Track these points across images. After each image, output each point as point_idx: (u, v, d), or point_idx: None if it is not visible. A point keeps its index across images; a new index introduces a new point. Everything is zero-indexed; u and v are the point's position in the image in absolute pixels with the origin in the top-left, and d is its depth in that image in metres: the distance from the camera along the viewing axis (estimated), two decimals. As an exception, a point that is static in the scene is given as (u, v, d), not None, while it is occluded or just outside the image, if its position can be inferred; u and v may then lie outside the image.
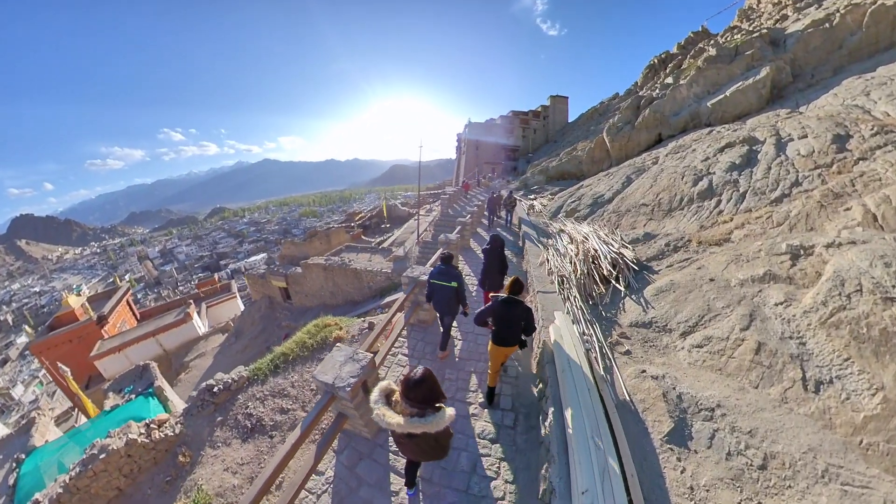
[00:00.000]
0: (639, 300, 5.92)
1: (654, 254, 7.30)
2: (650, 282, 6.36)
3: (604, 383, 4.27)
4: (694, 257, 6.66)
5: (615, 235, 8.53)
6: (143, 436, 5.71)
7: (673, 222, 8.74)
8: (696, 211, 8.65)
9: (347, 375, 4.06)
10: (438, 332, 6.51)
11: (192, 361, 23.96)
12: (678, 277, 5.95)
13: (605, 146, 19.78)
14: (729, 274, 5.61)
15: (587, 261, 7.31)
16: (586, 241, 8.18)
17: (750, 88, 15.74)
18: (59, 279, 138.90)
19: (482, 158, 54.52)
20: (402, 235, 23.08)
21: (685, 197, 9.27)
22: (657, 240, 7.80)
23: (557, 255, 8.11)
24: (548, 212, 14.56)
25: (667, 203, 9.46)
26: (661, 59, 39.75)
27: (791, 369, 3.92)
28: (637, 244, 8.00)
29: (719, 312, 4.98)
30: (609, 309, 6.11)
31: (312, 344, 7.48)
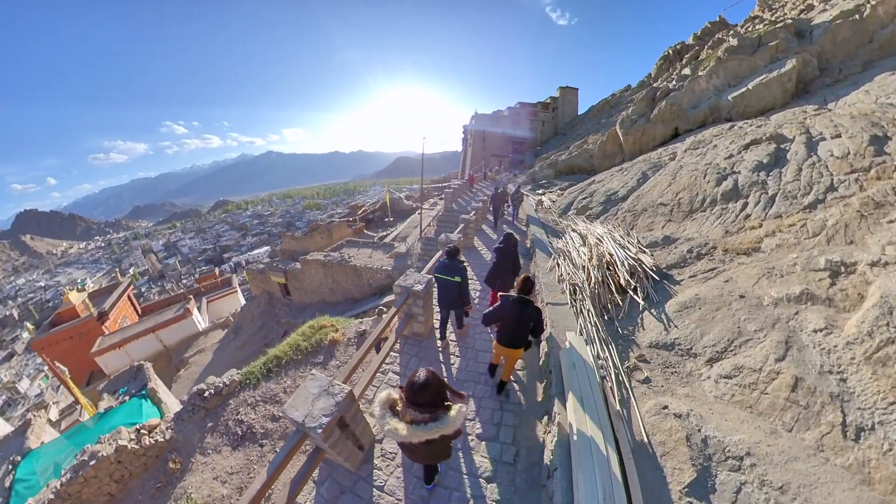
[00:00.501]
0: (660, 316, 5.29)
1: (676, 261, 6.63)
2: (672, 294, 5.73)
3: (619, 420, 3.72)
4: (720, 267, 6.01)
5: (631, 238, 7.88)
6: (134, 442, 5.64)
7: (694, 225, 8.05)
8: (721, 214, 7.96)
9: (320, 413, 3.44)
10: (434, 346, 6.13)
11: (191, 357, 24.09)
12: (704, 291, 5.33)
13: (617, 140, 18.97)
14: (761, 290, 5.00)
15: (602, 267, 6.66)
16: (600, 243, 7.51)
17: (774, 82, 14.93)
18: (63, 274, 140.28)
19: (489, 151, 53.63)
20: (406, 230, 22.52)
21: (707, 197, 8.58)
22: (678, 244, 7.13)
23: (569, 260, 7.46)
24: (557, 208, 13.88)
25: (687, 203, 8.77)
26: (677, 49, 38.71)
27: (830, 411, 3.42)
28: (655, 248, 7.33)
29: (751, 337, 4.38)
30: (626, 324, 5.49)
31: (307, 347, 7.24)
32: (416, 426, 2.59)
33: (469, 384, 5.33)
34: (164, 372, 23.39)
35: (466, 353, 6.02)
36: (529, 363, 5.62)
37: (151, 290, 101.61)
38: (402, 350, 6.20)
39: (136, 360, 24.85)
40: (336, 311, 16.53)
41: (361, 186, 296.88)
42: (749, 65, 16.91)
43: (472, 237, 11.47)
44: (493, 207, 14.26)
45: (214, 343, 24.88)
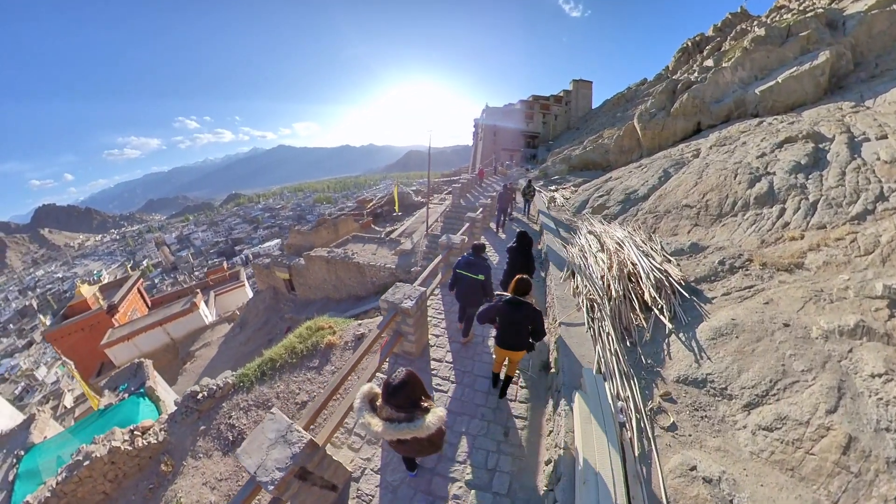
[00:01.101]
0: (690, 343, 4.58)
1: (706, 273, 5.90)
2: (703, 315, 5.02)
3: (637, 484, 3.09)
4: (758, 285, 5.28)
5: (654, 243, 7.17)
6: (127, 443, 5.66)
7: (725, 232, 7.32)
8: (755, 220, 7.20)
9: (273, 466, 2.88)
10: (427, 367, 5.61)
11: (197, 351, 24.38)
12: (741, 315, 4.62)
13: (635, 134, 18.14)
14: (808, 318, 4.31)
15: (623, 278, 5.94)
16: (620, 249, 6.81)
17: (806, 75, 13.95)
18: (80, 265, 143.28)
19: (500, 145, 52.73)
20: (413, 225, 22.02)
21: (739, 200, 7.83)
22: (708, 254, 6.40)
23: (586, 269, 6.65)
24: (571, 206, 13.21)
25: (716, 206, 8.03)
26: (696, 41, 37.50)
27: (884, 482, 2.81)
28: (681, 257, 6.60)
29: (798, 379, 3.71)
30: (650, 351, 4.80)
31: (302, 350, 6.97)
32: (390, 424, 2.56)
33: (463, 418, 4.68)
34: (172, 364, 23.85)
35: (463, 378, 5.36)
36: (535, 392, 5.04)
37: (164, 282, 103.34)
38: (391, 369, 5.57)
39: (145, 353, 25.24)
40: (339, 308, 16.21)
41: (372, 180, 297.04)
42: (778, 56, 15.94)
43: (479, 236, 10.79)
44: (500, 208, 12.34)
45: (220, 337, 24.94)
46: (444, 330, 6.52)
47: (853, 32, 15.24)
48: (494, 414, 4.70)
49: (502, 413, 4.72)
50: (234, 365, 17.92)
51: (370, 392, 2.81)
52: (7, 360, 73.65)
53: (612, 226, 8.69)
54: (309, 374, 6.46)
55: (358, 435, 4.58)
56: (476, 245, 5.54)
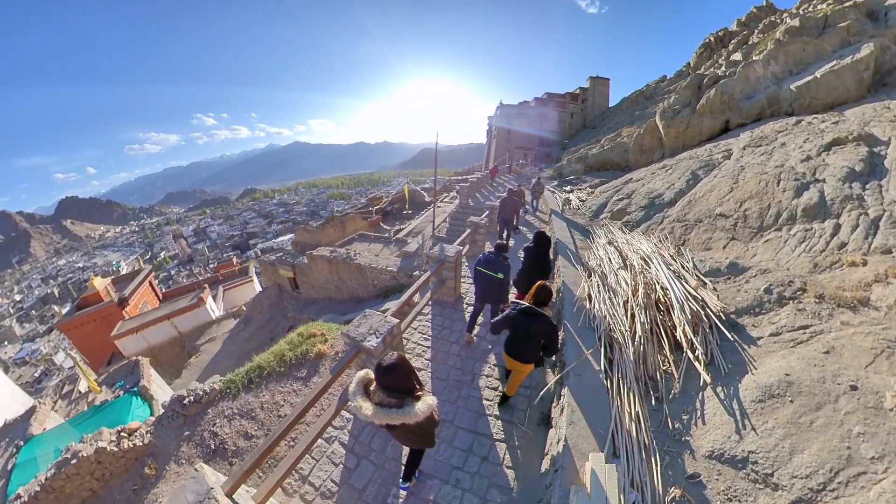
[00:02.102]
0: (730, 404, 3.62)
1: (749, 303, 4.90)
2: (746, 363, 4.04)
3: None
4: (815, 325, 4.26)
5: (684, 259, 6.22)
6: (113, 444, 5.76)
7: (768, 249, 6.32)
8: (805, 236, 6.18)
9: None
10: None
11: (203, 345, 24.99)
12: (796, 368, 3.65)
13: (657, 133, 17.05)
14: (880, 379, 3.36)
15: (650, 306, 4.98)
16: (647, 267, 5.88)
17: (847, 70, 12.72)
18: (100, 256, 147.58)
19: (514, 143, 51.78)
20: (422, 224, 21.36)
21: (784, 211, 6.82)
22: (750, 277, 5.42)
23: (604, 293, 5.58)
24: (588, 210, 12.30)
25: (756, 217, 7.03)
26: (719, 36, 35.99)
27: None
28: (718, 278, 5.63)
29: (865, 469, 2.77)
30: (678, 408, 3.86)
31: (291, 358, 6.85)
32: (380, 409, 2.60)
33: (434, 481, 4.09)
34: (178, 357, 24.58)
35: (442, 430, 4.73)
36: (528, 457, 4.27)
37: (180, 274, 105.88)
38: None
39: (153, 345, 25.63)
40: (341, 309, 15.86)
41: (386, 177, 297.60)
42: (815, 49, 14.69)
43: (484, 243, 9.83)
44: (502, 220, 10.51)
45: (225, 332, 25.27)
46: (427, 362, 5.93)
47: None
48: (473, 481, 4.02)
49: (482, 480, 4.03)
50: (235, 362, 17.87)
51: (365, 377, 2.83)
52: (28, 345, 76.79)
53: (634, 235, 7.79)
54: (295, 385, 6.31)
55: (312, 485, 4.19)
56: (499, 244, 5.55)
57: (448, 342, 6.25)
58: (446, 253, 6.76)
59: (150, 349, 24.93)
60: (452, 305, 7.31)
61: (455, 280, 7.09)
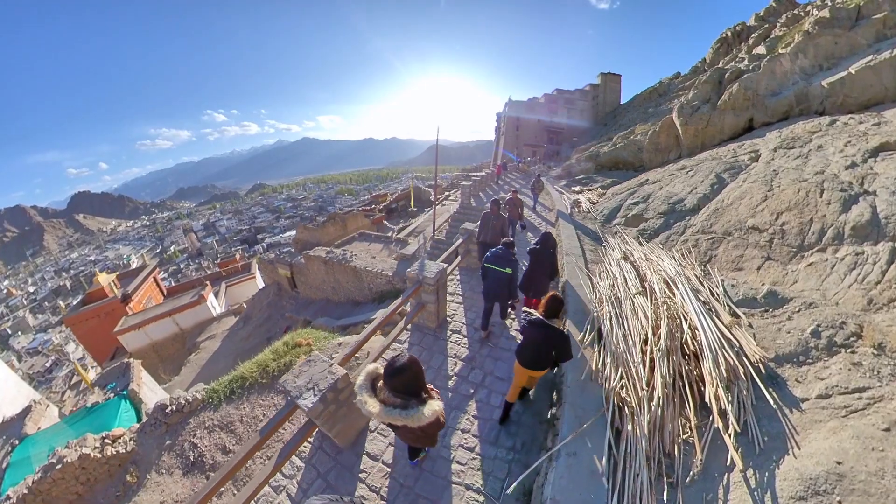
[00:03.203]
0: (761, 498, 2.80)
1: (793, 349, 4.02)
2: (786, 436, 3.20)
3: None
4: (874, 387, 3.37)
5: (712, 281, 5.37)
6: (97, 450, 5.87)
7: (812, 275, 5.33)
8: (855, 262, 5.17)
9: None
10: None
11: (203, 342, 25.22)
12: (849, 450, 2.82)
13: (673, 130, 16.04)
14: None
15: (674, 350, 4.06)
16: (670, 294, 4.97)
17: (886, 66, 11.53)
18: (112, 249, 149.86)
19: (522, 140, 50.99)
20: (424, 223, 20.70)
21: (828, 228, 5.83)
22: (792, 311, 4.52)
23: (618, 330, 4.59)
24: (599, 214, 11.44)
25: (796, 233, 6.06)
26: (737, 31, 34.65)
27: None
28: (753, 310, 4.77)
29: None
30: (697, 495, 3.04)
31: (274, 369, 6.71)
32: (385, 407, 2.56)
33: None
34: (179, 353, 24.72)
35: None
36: None
37: (189, 267, 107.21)
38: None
39: (155, 341, 25.60)
40: (337, 311, 15.44)
41: (394, 173, 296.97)
42: (848, 43, 13.58)
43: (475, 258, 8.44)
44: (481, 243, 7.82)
45: (225, 330, 25.38)
46: None
47: None
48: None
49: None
50: (232, 360, 17.68)
51: (374, 372, 2.79)
52: (41, 335, 78.39)
53: (654, 248, 6.94)
54: (276, 399, 6.13)
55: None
56: (506, 241, 5.47)
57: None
58: (425, 273, 5.71)
59: (152, 345, 25.25)
60: (434, 332, 6.32)
61: (437, 304, 6.02)
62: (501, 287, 5.30)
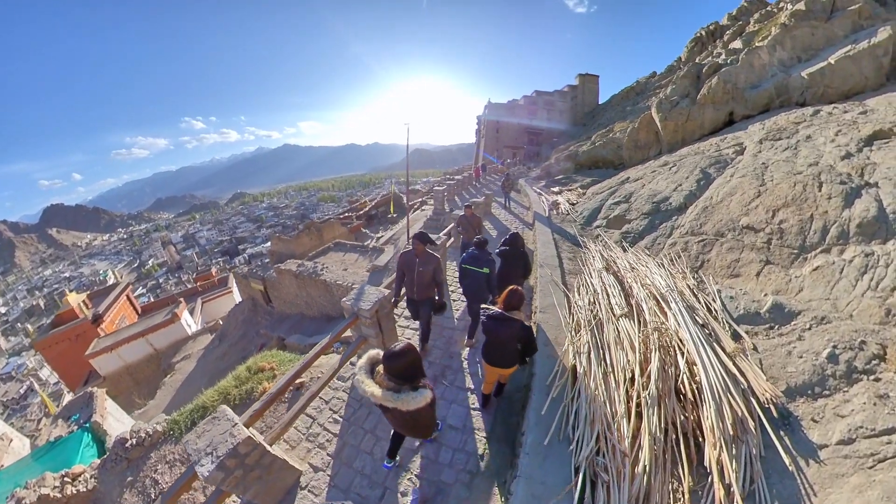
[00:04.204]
0: None
1: (807, 378, 3.43)
2: (801, 492, 2.62)
3: None
4: None
5: (707, 293, 4.74)
6: (57, 489, 5.64)
7: (819, 281, 4.69)
8: (866, 264, 4.54)
9: None
10: None
11: (178, 363, 24.00)
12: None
13: (653, 127, 15.63)
14: None
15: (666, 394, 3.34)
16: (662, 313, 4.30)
17: (865, 55, 11.46)
18: (87, 265, 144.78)
19: (503, 142, 50.95)
20: (402, 231, 19.91)
21: (831, 225, 5.24)
22: (802, 328, 3.94)
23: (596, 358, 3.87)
24: (579, 215, 10.83)
25: (796, 232, 5.44)
26: (710, 30, 35.05)
27: None
28: (757, 328, 4.16)
29: None
30: None
31: (236, 397, 6.40)
32: (382, 390, 2.65)
33: None
34: (154, 375, 23.35)
35: None
36: None
37: (169, 282, 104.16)
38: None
39: (129, 363, 24.10)
40: (312, 326, 14.72)
41: (377, 179, 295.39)
42: (825, 34, 13.39)
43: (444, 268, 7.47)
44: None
45: (200, 349, 24.70)
46: (327, 460, 4.15)
47: None
48: None
49: None
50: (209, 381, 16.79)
51: (375, 357, 2.90)
52: (14, 359, 74.55)
53: (639, 253, 6.28)
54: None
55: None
56: (479, 240, 5.40)
57: (361, 430, 4.44)
58: (360, 305, 4.71)
59: (126, 368, 23.95)
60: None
61: (381, 337, 4.97)
62: (480, 287, 5.24)
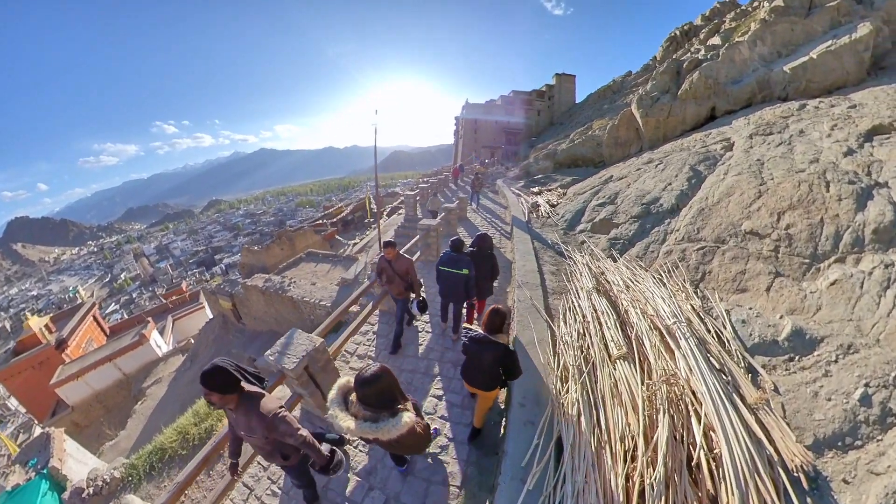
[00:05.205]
0: None
1: (838, 426, 2.91)
2: None
3: None
4: None
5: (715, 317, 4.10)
6: None
7: (839, 298, 4.05)
8: (888, 277, 3.95)
9: None
10: None
11: (148, 388, 22.41)
12: None
13: (633, 123, 15.19)
14: None
15: (674, 469, 2.62)
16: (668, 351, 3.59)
17: (846, 50, 11.33)
18: (56, 281, 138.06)
19: (481, 142, 50.59)
20: (374, 239, 19.01)
21: (844, 231, 4.66)
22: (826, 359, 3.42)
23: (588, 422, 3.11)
24: (560, 219, 10.13)
25: (805, 238, 4.82)
26: (685, 30, 35.47)
27: None
28: (774, 359, 3.59)
29: None
30: None
31: (195, 437, 6.02)
32: (357, 421, 2.38)
33: None
34: (125, 403, 21.79)
35: None
36: None
37: (143, 296, 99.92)
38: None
39: (98, 391, 22.26)
40: None
41: (356, 182, 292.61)
42: (804, 30, 13.21)
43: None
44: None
45: (172, 372, 23.18)
46: None
47: (885, 7, 12.82)
48: None
49: None
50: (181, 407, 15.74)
51: (346, 386, 2.58)
52: None
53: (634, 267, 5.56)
54: (198, 476, 4.70)
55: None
56: (455, 240, 5.29)
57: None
58: (284, 363, 3.75)
59: (95, 395, 22.07)
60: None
61: (318, 395, 4.06)
62: (458, 288, 5.17)
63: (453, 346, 5.56)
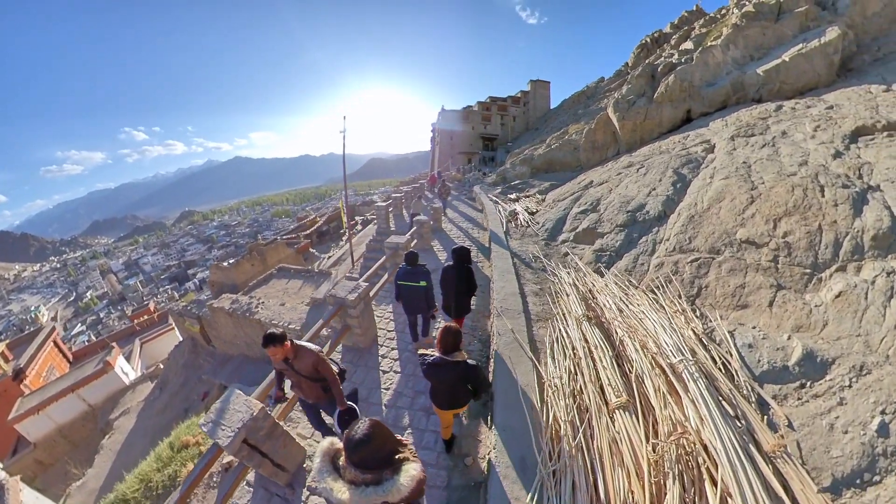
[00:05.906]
0: None
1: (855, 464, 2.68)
2: None
3: None
4: None
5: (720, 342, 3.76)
6: None
7: (846, 312, 3.73)
8: (891, 286, 3.70)
9: None
10: None
11: (116, 420, 20.59)
12: None
13: (610, 127, 15.12)
14: None
15: None
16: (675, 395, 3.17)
17: (816, 53, 11.55)
18: (16, 301, 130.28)
19: (457, 148, 50.54)
20: (346, 254, 18.26)
21: (843, 238, 4.36)
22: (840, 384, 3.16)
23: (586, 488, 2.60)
24: (541, 228, 9.69)
25: (804, 247, 4.50)
26: (655, 38, 36.32)
27: None
28: (786, 386, 3.27)
29: None
30: None
31: (158, 484, 5.70)
32: (356, 489, 2.01)
33: None
34: (92, 436, 20.07)
35: None
36: None
37: (111, 316, 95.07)
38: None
39: (61, 425, 20.43)
40: (250, 376, 12.87)
41: (333, 190, 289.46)
42: (775, 34, 13.44)
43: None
44: None
45: (140, 401, 21.49)
46: None
47: (847, 13, 13.25)
48: None
49: None
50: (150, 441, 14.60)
51: (331, 449, 2.19)
52: None
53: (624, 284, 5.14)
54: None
55: None
56: (409, 254, 5.30)
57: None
58: (217, 435, 3.07)
59: (58, 429, 20.18)
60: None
61: (266, 464, 3.43)
62: (419, 301, 5.22)
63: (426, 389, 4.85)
